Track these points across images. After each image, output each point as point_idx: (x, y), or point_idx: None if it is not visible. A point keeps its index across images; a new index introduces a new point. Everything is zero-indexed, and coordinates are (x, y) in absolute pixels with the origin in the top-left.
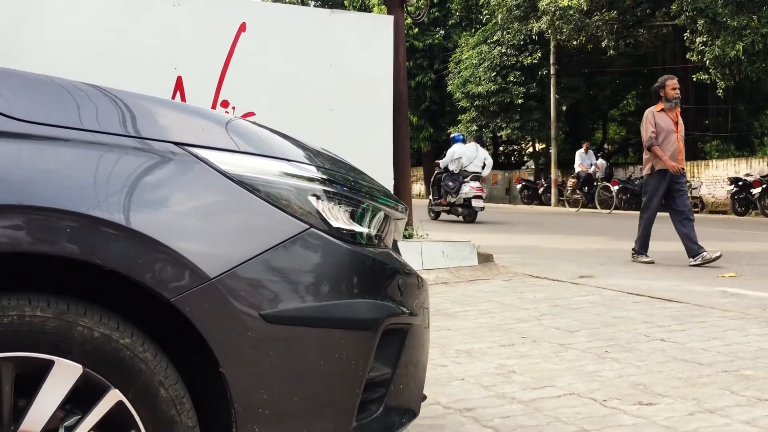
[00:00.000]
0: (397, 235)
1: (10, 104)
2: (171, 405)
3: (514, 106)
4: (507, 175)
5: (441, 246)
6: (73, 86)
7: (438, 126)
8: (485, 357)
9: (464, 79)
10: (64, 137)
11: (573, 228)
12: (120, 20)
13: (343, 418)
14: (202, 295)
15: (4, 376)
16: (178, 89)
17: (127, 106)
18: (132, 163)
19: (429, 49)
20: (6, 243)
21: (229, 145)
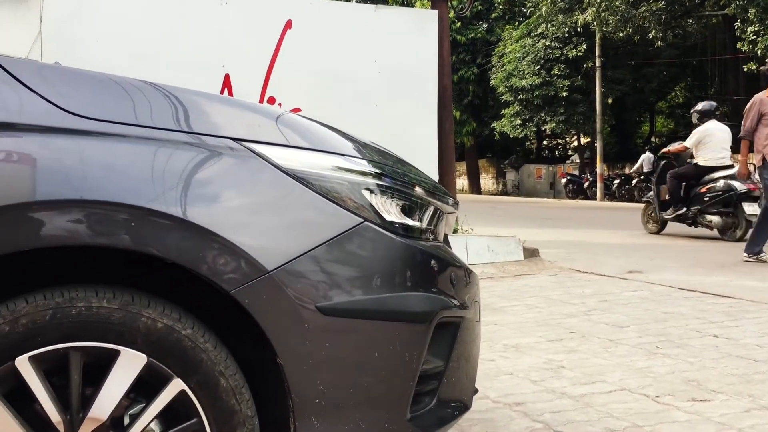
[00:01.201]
0: (448, 229)
1: (72, 101)
2: (231, 394)
3: (558, 100)
4: (551, 170)
5: (486, 241)
6: (132, 83)
7: (481, 120)
8: (533, 352)
9: (508, 73)
10: (125, 133)
11: (619, 223)
12: (168, 19)
13: (398, 410)
14: (260, 287)
15: (73, 364)
16: (226, 86)
17: (184, 103)
18: (191, 158)
19: (472, 43)
20: (69, 236)
21: (284, 139)
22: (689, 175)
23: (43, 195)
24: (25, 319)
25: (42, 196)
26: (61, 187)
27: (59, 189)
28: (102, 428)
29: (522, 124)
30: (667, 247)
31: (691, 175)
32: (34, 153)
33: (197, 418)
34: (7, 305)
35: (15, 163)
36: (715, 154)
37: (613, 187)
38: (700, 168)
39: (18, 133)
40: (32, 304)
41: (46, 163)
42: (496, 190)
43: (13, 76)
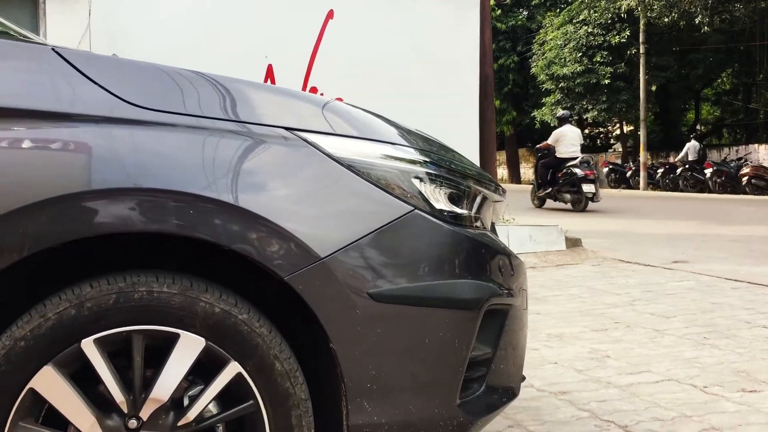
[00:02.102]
0: (495, 218)
1: (131, 91)
2: (286, 378)
3: (600, 88)
4: (593, 158)
5: (528, 230)
6: (186, 74)
7: (521, 109)
8: (577, 341)
9: (549, 61)
10: (182, 123)
11: (664, 212)
12: (212, 10)
13: (448, 395)
14: (313, 273)
15: (135, 347)
16: (269, 77)
17: (237, 93)
18: (245, 147)
19: (512, 30)
20: (129, 223)
21: (335, 128)
22: (552, 164)
23: (105, 183)
24: (90, 303)
25: (104, 184)
26: (122, 175)
27: (121, 177)
28: (163, 409)
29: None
30: (714, 238)
31: (552, 164)
32: (96, 143)
33: (253, 400)
34: (73, 289)
35: (78, 152)
36: (567, 149)
37: (656, 176)
38: (558, 159)
39: (80, 124)
40: (96, 288)
41: (107, 153)
42: None
43: (76, 68)
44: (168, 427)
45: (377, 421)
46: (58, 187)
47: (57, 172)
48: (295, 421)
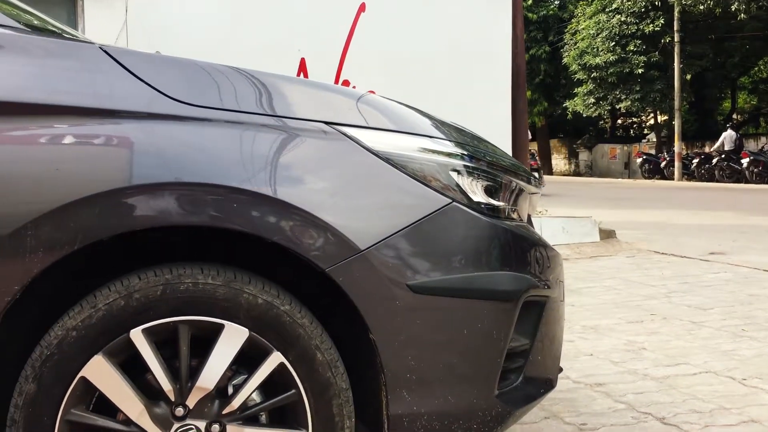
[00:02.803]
0: (531, 210)
1: (176, 88)
2: (327, 368)
3: (634, 77)
4: (626, 149)
5: (561, 222)
6: (228, 71)
7: (553, 100)
8: (613, 333)
9: (581, 51)
10: (225, 119)
11: (700, 203)
12: (246, 4)
13: (486, 386)
14: (353, 265)
15: (182, 337)
16: (302, 71)
17: (278, 88)
18: (286, 142)
19: (543, 20)
20: (171, 217)
21: (373, 122)
22: None
23: (153, 178)
24: (138, 294)
25: (152, 179)
26: (168, 170)
27: (167, 172)
28: (208, 397)
29: (596, 103)
30: (751, 229)
31: None
32: (143, 138)
33: (295, 389)
34: (122, 281)
35: (126, 148)
36: None
37: (692, 167)
38: None
39: (128, 120)
40: (144, 280)
41: (153, 148)
42: (569, 171)
43: (123, 66)
44: (213, 415)
45: (416, 411)
46: (107, 182)
47: (106, 167)
48: (336, 410)
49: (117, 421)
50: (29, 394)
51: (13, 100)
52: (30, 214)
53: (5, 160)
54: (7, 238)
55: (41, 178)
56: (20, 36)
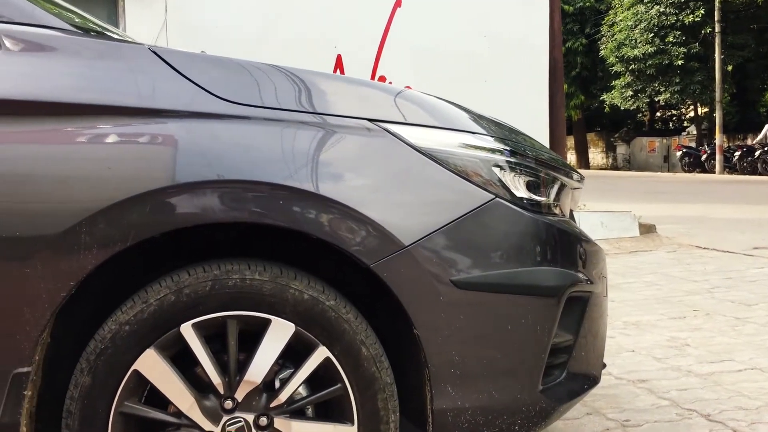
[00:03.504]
0: (573, 205)
1: (222, 87)
2: (372, 362)
3: (673, 69)
4: (665, 142)
5: (599, 216)
6: (273, 70)
7: (589, 93)
8: (655, 329)
9: (618, 43)
10: (271, 117)
11: (742, 197)
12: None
13: (530, 381)
14: (397, 261)
15: (230, 331)
16: (338, 67)
17: (321, 86)
18: (331, 139)
19: (580, 12)
20: (222, 214)
21: (416, 119)
22: None
23: (204, 176)
24: (188, 290)
25: (203, 177)
26: (221, 168)
27: (220, 170)
28: (256, 391)
29: (634, 96)
30: None
31: None
32: (194, 137)
33: (341, 383)
34: (172, 277)
35: (177, 146)
36: None
37: (733, 160)
38: None
39: (177, 119)
40: (193, 276)
41: (204, 147)
42: (606, 165)
43: (172, 66)
44: (261, 408)
45: (460, 406)
46: (158, 180)
47: (157, 165)
48: (381, 405)
49: (168, 413)
50: (85, 387)
51: (68, 101)
52: (84, 211)
53: (60, 159)
54: (62, 235)
55: (94, 177)
56: (73, 38)
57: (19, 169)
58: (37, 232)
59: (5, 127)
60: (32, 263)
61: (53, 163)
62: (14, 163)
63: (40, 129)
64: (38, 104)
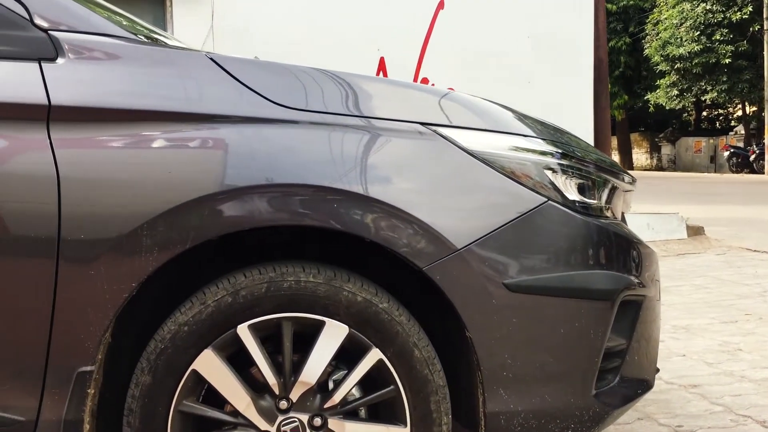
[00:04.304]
0: (625, 207)
1: (276, 92)
2: (424, 365)
3: (720, 67)
4: (711, 142)
5: (645, 218)
6: (325, 74)
7: (633, 92)
8: (706, 333)
9: (663, 41)
10: (324, 121)
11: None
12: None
13: (583, 386)
14: (450, 264)
15: (285, 333)
16: (381, 69)
17: (374, 90)
18: (384, 143)
19: (623, 11)
20: (273, 217)
21: (467, 122)
22: None
23: (262, 180)
24: (244, 292)
25: (261, 180)
26: (277, 172)
27: (276, 174)
28: (310, 392)
29: (679, 95)
30: None
31: None
32: (251, 142)
33: (394, 385)
34: (229, 279)
35: (232, 151)
36: None
37: None
38: None
39: (235, 125)
40: (249, 278)
41: (261, 151)
42: (650, 166)
43: (229, 72)
44: (315, 408)
45: (513, 409)
46: (216, 184)
47: (215, 170)
48: (433, 407)
49: (225, 412)
50: (145, 386)
51: (129, 108)
52: (145, 215)
53: (122, 164)
54: (125, 237)
55: (155, 181)
56: (134, 46)
57: (83, 174)
58: (101, 235)
59: (70, 134)
60: (96, 265)
61: (116, 168)
62: (78, 168)
63: (102, 135)
64: (101, 111)
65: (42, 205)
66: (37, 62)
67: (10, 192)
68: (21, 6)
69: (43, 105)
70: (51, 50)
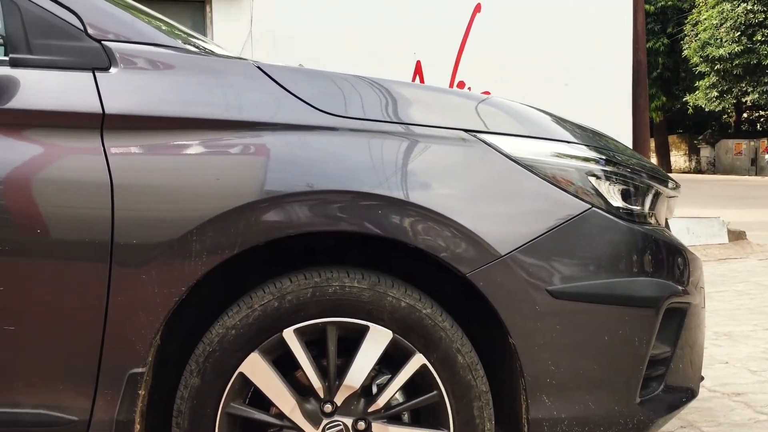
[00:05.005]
0: (669, 213)
1: (321, 99)
2: (467, 371)
3: (761, 68)
4: (752, 144)
5: (685, 222)
6: (368, 82)
7: (671, 94)
8: (749, 340)
9: (703, 42)
10: (367, 129)
11: None
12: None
13: (627, 393)
14: (493, 270)
15: (330, 337)
16: (418, 73)
17: (418, 97)
18: (428, 150)
19: (661, 12)
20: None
21: (509, 128)
22: None
23: (308, 187)
24: (290, 296)
25: (306, 187)
26: (324, 179)
27: (323, 181)
28: (355, 396)
29: (719, 96)
30: None
31: None
32: (295, 149)
33: (437, 391)
34: (275, 283)
35: (279, 158)
36: None
37: None
38: None
39: (279, 131)
40: (295, 283)
41: (307, 158)
42: (689, 168)
43: (275, 81)
44: (360, 412)
45: (556, 416)
46: (263, 191)
47: (263, 176)
48: (476, 413)
49: (270, 415)
50: (194, 388)
51: (180, 116)
52: (195, 220)
53: (174, 170)
54: (176, 242)
55: (204, 188)
56: (184, 56)
57: (135, 180)
58: (152, 240)
59: (123, 141)
60: (148, 270)
61: (166, 175)
62: (131, 175)
63: (153, 142)
64: (152, 119)
65: (96, 211)
66: (91, 72)
67: (66, 198)
68: (76, 17)
69: (98, 113)
70: (104, 60)
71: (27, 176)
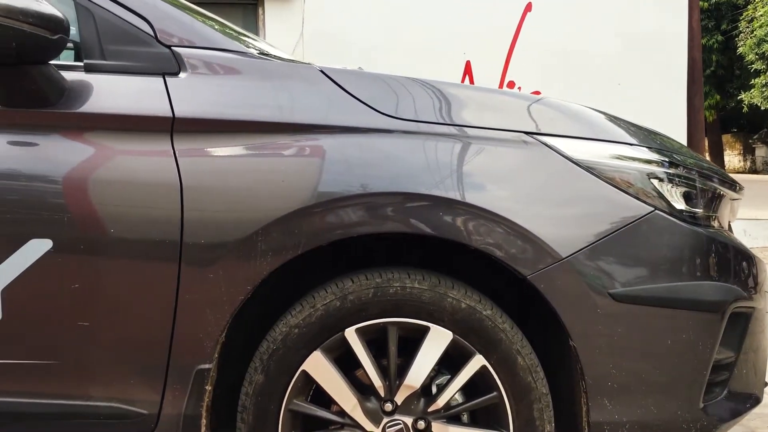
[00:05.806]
0: (732, 216)
1: (383, 102)
2: (527, 372)
3: None
4: None
5: (742, 224)
6: (428, 85)
7: (725, 92)
8: None
9: (759, 39)
10: (431, 131)
11: None
12: (412, 10)
13: (690, 398)
14: (555, 273)
15: (391, 337)
16: (467, 73)
17: (478, 100)
18: (489, 152)
19: (715, 8)
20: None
21: (569, 130)
22: None
23: (372, 188)
24: (352, 296)
25: (370, 189)
26: (386, 180)
27: (385, 183)
28: (415, 395)
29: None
30: None
31: None
32: (358, 151)
33: (497, 392)
34: (337, 283)
35: (342, 160)
36: None
37: None
38: None
39: (342, 134)
40: (357, 283)
41: (371, 160)
42: (743, 168)
43: (339, 85)
44: (419, 411)
45: (618, 420)
46: (326, 192)
47: (326, 178)
48: (536, 414)
49: (332, 412)
50: (258, 384)
51: (246, 119)
52: (260, 221)
53: (239, 172)
54: (242, 242)
55: (270, 189)
56: (250, 60)
57: (203, 182)
58: (220, 240)
59: (192, 144)
60: (215, 269)
61: (233, 177)
62: (199, 177)
63: (221, 145)
64: (219, 122)
65: (166, 211)
66: (162, 77)
67: (138, 198)
68: (147, 24)
69: (168, 117)
70: (174, 65)
71: (101, 178)
